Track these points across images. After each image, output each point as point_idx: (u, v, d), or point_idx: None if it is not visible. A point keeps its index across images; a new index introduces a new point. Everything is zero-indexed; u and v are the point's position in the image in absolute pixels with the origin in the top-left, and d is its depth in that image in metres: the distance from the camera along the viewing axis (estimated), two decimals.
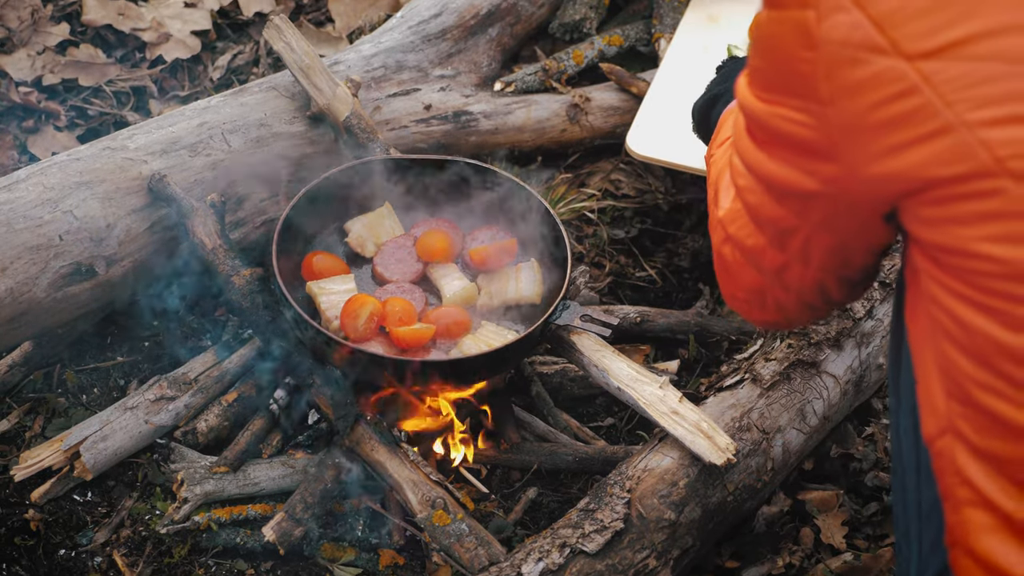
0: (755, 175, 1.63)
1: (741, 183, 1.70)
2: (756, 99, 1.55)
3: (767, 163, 1.58)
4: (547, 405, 2.95)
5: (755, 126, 1.58)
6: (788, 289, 1.78)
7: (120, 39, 3.98)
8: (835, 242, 1.63)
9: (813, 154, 1.48)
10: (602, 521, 2.46)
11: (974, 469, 1.49)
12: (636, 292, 3.33)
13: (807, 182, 1.52)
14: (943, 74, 1.34)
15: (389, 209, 2.95)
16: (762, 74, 1.53)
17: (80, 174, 2.81)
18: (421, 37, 3.47)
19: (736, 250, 1.82)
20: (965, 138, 1.34)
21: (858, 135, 1.41)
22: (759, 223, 1.71)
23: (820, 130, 1.45)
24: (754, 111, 1.56)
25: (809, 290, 1.77)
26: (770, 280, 1.79)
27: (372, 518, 2.76)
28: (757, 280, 1.81)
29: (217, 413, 2.84)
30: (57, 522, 2.75)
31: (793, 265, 1.72)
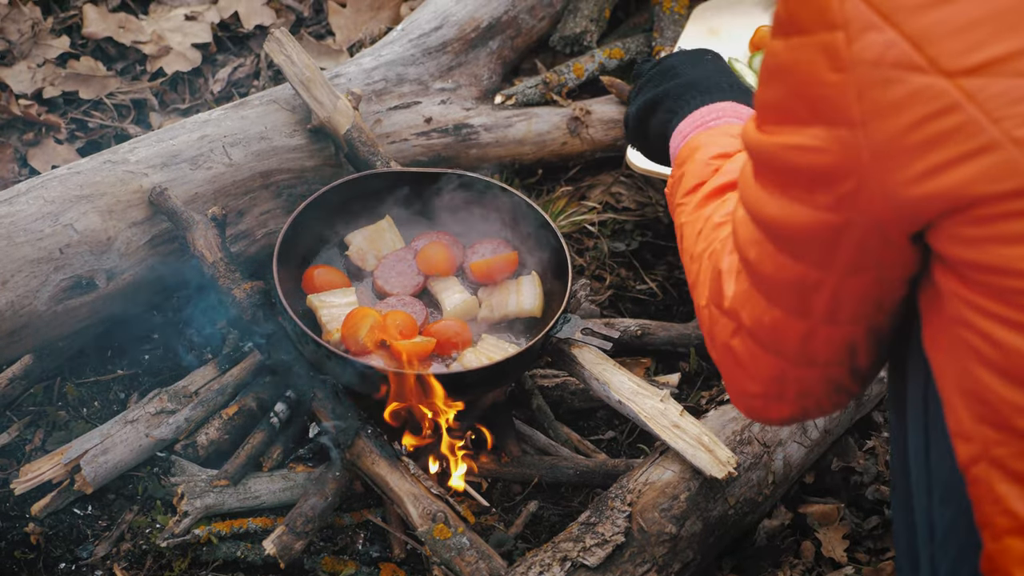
0: (769, 229, 1.55)
1: (751, 254, 1.61)
2: (769, 136, 1.48)
3: (783, 208, 1.51)
4: (548, 418, 2.95)
5: (768, 168, 1.52)
6: (814, 363, 1.68)
7: (121, 52, 3.98)
8: (868, 280, 1.54)
9: (837, 182, 1.42)
10: (603, 535, 2.46)
11: (1015, 497, 1.44)
12: (637, 305, 3.33)
13: (830, 217, 1.46)
14: (987, 91, 1.30)
15: (390, 222, 2.95)
16: (777, 107, 1.47)
17: (80, 187, 2.81)
18: (422, 50, 3.47)
19: (750, 338, 1.72)
20: (1013, 154, 1.30)
21: (894, 156, 1.35)
22: (776, 294, 1.63)
23: (846, 154, 1.39)
24: (767, 150, 1.49)
25: (837, 358, 1.66)
26: (792, 360, 1.69)
27: (373, 531, 2.75)
28: (775, 366, 1.72)
29: (218, 426, 2.83)
30: (57, 536, 2.74)
31: (819, 329, 1.63)
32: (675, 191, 2.07)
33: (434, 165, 3.34)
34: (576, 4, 3.77)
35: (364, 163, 3.00)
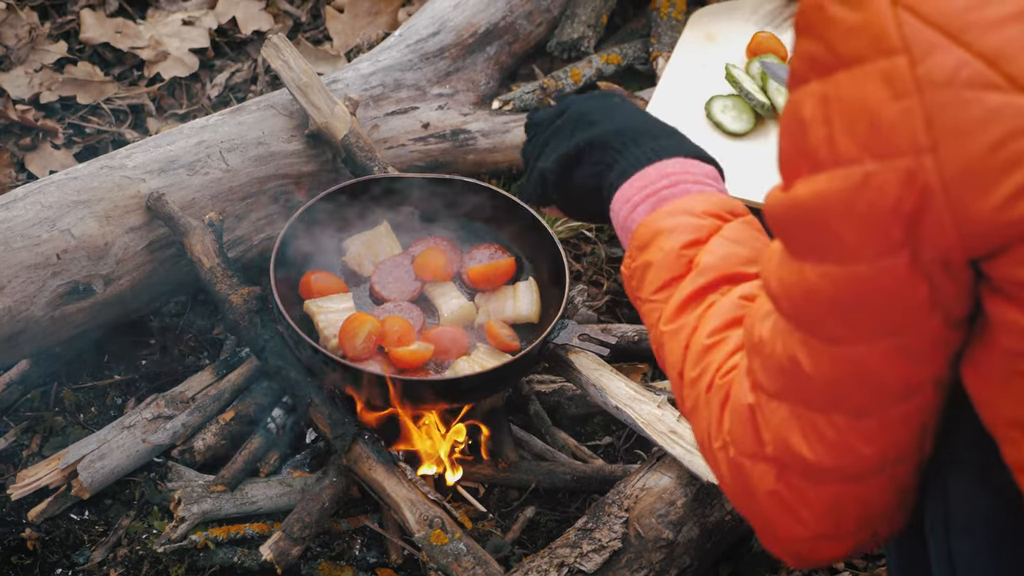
0: (816, 317, 1.41)
1: (805, 366, 1.45)
2: (806, 188, 1.35)
3: (834, 275, 1.36)
4: (545, 424, 2.95)
5: (806, 230, 1.37)
6: (882, 468, 1.50)
7: (118, 57, 3.98)
8: (938, 324, 1.38)
9: (896, 219, 1.30)
10: (600, 540, 2.46)
11: None
12: (634, 311, 3.32)
13: (892, 263, 1.33)
14: None
15: (387, 227, 2.95)
16: (810, 153, 1.34)
17: (78, 193, 2.81)
18: (419, 55, 3.47)
19: (799, 475, 1.52)
20: None
21: (973, 180, 1.26)
22: (836, 398, 1.45)
23: (908, 185, 1.28)
24: (804, 208, 1.36)
25: (908, 448, 1.50)
26: (856, 475, 1.51)
27: (370, 537, 2.75)
28: (832, 495, 1.53)
29: (215, 432, 2.83)
30: (54, 541, 2.74)
31: (892, 414, 1.46)
32: (639, 283, 1.83)
33: (431, 170, 3.34)
34: (573, 10, 3.77)
35: (361, 168, 3.00)
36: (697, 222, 1.79)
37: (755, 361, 1.52)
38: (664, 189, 1.86)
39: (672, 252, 1.77)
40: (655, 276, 1.79)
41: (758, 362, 1.51)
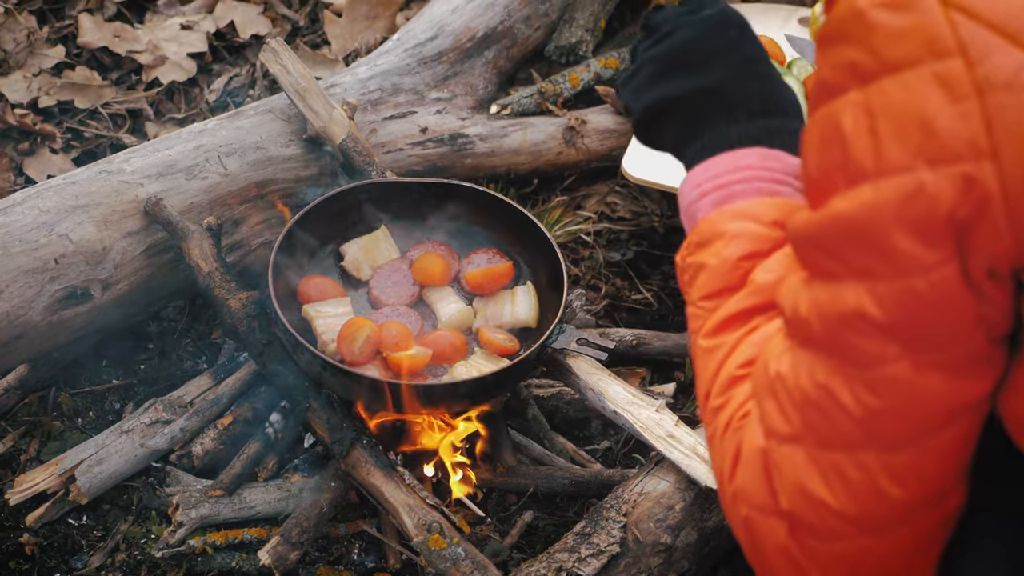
0: (851, 344, 1.33)
1: (847, 399, 1.37)
2: (847, 203, 1.29)
3: (879, 292, 1.29)
4: (543, 428, 2.95)
5: (851, 246, 1.30)
6: (910, 514, 1.42)
7: (116, 61, 3.98)
8: (982, 339, 1.33)
9: (950, 227, 1.24)
10: (598, 545, 2.46)
11: None
12: (632, 315, 3.33)
13: (943, 273, 1.27)
14: None
15: (385, 232, 2.95)
16: (851, 166, 1.28)
17: (76, 197, 2.81)
18: (417, 60, 3.47)
19: (811, 533, 1.44)
20: None
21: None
22: (867, 434, 1.37)
23: (965, 192, 1.23)
24: (852, 221, 1.29)
25: (938, 490, 1.42)
26: (882, 524, 1.43)
27: (368, 542, 2.75)
28: (847, 552, 1.45)
29: (213, 436, 2.83)
30: (52, 546, 2.74)
31: (929, 447, 1.39)
32: (690, 280, 1.73)
33: (429, 175, 3.34)
34: (571, 14, 3.78)
35: (360, 173, 3.00)
36: (762, 232, 1.67)
37: (768, 404, 1.45)
38: (736, 184, 1.74)
39: (729, 261, 1.67)
40: (707, 281, 1.69)
41: (772, 405, 1.45)
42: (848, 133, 1.28)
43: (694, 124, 1.81)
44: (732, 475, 1.52)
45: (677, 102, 1.82)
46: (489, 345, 2.73)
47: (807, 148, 1.35)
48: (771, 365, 1.44)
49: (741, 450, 1.52)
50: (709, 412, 1.60)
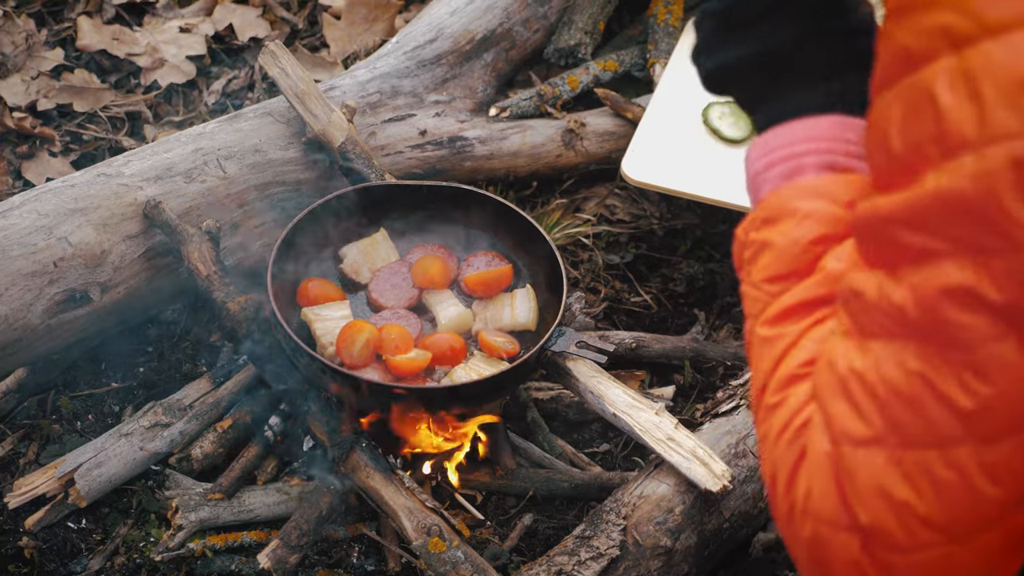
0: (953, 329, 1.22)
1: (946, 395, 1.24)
2: (962, 175, 1.17)
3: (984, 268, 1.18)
4: (542, 431, 2.95)
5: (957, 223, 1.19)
6: (1005, 513, 1.30)
7: (115, 64, 3.98)
8: None
9: None
10: (598, 548, 2.46)
11: None
12: (631, 318, 3.33)
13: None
14: None
15: (384, 235, 2.95)
16: (960, 132, 1.17)
17: (75, 200, 2.80)
18: (416, 62, 3.47)
19: (889, 547, 1.31)
20: None
21: None
22: (969, 426, 1.25)
23: None
24: (958, 195, 1.18)
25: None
26: (970, 528, 1.30)
27: (368, 545, 2.75)
28: (927, 563, 1.32)
29: (212, 440, 2.83)
30: (51, 549, 2.74)
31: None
32: (751, 258, 1.57)
33: (429, 177, 3.34)
34: (570, 16, 3.77)
35: (359, 176, 3.00)
36: (836, 213, 1.50)
37: (838, 406, 1.33)
38: (808, 155, 1.57)
39: (798, 244, 1.51)
40: (771, 262, 1.53)
41: (843, 406, 1.32)
42: (943, 102, 1.18)
43: (762, 88, 1.64)
44: (790, 488, 1.40)
45: (740, 66, 1.65)
46: (488, 348, 2.73)
47: (885, 125, 1.24)
48: (839, 363, 1.33)
49: (803, 461, 1.39)
50: (763, 409, 1.47)
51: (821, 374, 1.37)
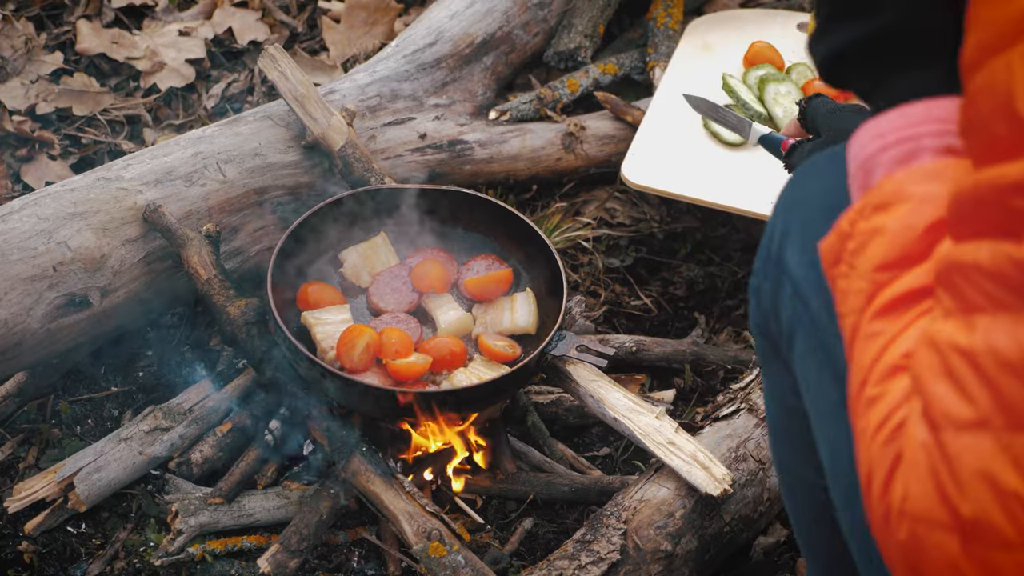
0: None
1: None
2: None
3: None
4: (543, 435, 2.95)
5: None
6: None
7: (114, 68, 3.98)
8: None
9: None
10: (598, 552, 2.46)
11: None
12: (631, 321, 3.32)
13: None
14: None
15: (384, 238, 2.94)
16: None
17: (74, 204, 2.80)
18: (416, 66, 3.47)
19: (994, 545, 1.19)
20: None
21: None
22: None
23: None
24: None
25: None
26: None
27: (368, 549, 2.75)
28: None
29: (212, 444, 2.83)
30: (51, 554, 2.73)
31: None
32: (857, 249, 1.44)
33: (429, 181, 3.34)
34: (570, 20, 3.77)
35: (359, 180, 3.00)
36: (940, 193, 1.40)
37: (940, 387, 1.23)
38: (925, 138, 1.47)
39: (914, 230, 1.39)
40: (883, 249, 1.40)
41: (946, 387, 1.22)
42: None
43: (876, 71, 1.56)
44: (886, 489, 1.30)
45: (853, 49, 1.57)
46: (489, 352, 2.73)
47: (1005, 90, 1.16)
48: (941, 342, 1.23)
49: (900, 463, 1.29)
50: (863, 403, 1.36)
51: (921, 357, 1.27)
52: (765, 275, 1.79)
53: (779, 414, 1.92)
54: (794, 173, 1.81)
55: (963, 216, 1.22)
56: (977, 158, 1.20)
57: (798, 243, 1.71)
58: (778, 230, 1.76)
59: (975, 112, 1.20)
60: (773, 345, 1.83)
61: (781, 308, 1.75)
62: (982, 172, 1.18)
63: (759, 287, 1.82)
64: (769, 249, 1.78)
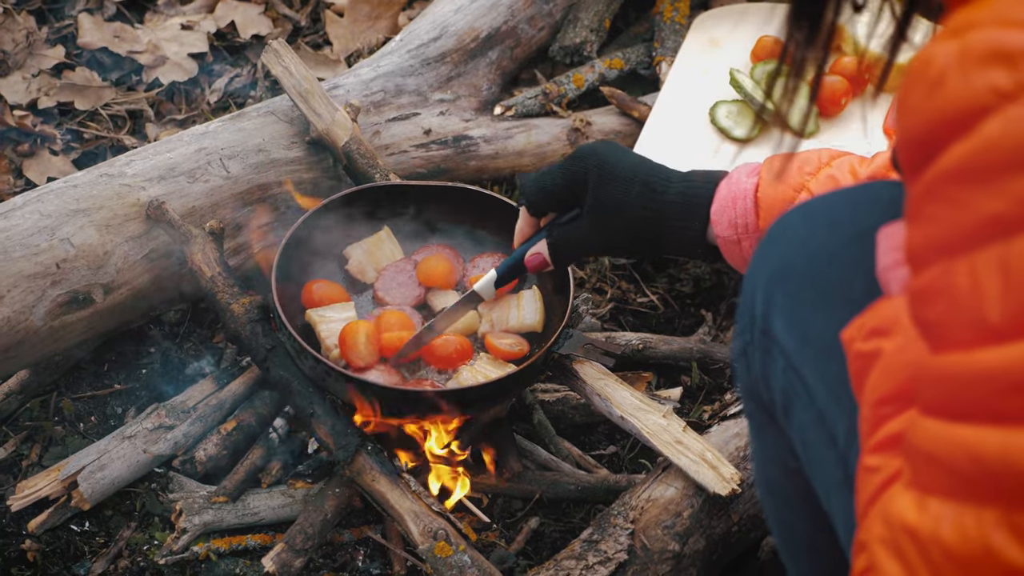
0: None
1: None
2: None
3: None
4: (549, 433, 2.93)
5: None
6: None
7: (116, 62, 3.96)
8: None
9: None
10: (606, 552, 2.44)
11: None
12: (638, 318, 3.31)
13: None
14: None
15: (388, 233, 2.92)
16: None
17: (77, 201, 2.79)
18: (420, 61, 3.45)
19: None
20: None
21: None
22: None
23: None
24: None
25: None
26: None
27: (373, 548, 2.73)
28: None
29: (216, 442, 2.81)
30: (54, 552, 2.72)
31: None
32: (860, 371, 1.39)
33: (433, 177, 3.32)
34: (576, 14, 3.75)
35: (363, 176, 2.98)
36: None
37: (890, 565, 1.20)
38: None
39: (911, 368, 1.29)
40: (884, 379, 1.34)
41: (895, 567, 1.19)
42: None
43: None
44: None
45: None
46: (495, 352, 2.71)
47: (974, 293, 1.10)
48: (892, 516, 1.20)
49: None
50: (856, 544, 1.30)
51: (872, 526, 1.24)
52: (752, 342, 1.72)
53: (780, 478, 1.84)
54: (769, 231, 1.72)
55: (928, 391, 1.18)
56: (936, 345, 1.16)
57: (785, 318, 1.66)
58: (759, 298, 1.70)
59: (932, 308, 1.16)
60: (766, 411, 1.76)
61: (773, 378, 1.69)
62: (953, 355, 1.14)
63: (746, 351, 1.75)
64: (752, 315, 1.71)
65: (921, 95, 1.13)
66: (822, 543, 1.70)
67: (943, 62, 1.10)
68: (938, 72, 1.10)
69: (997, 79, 1.05)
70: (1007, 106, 1.05)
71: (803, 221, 1.68)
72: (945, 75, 1.10)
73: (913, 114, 1.14)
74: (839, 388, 1.49)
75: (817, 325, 1.58)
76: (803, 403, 1.64)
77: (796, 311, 1.64)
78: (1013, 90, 1.05)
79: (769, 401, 1.73)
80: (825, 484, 1.61)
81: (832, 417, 1.57)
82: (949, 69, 1.09)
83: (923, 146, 1.13)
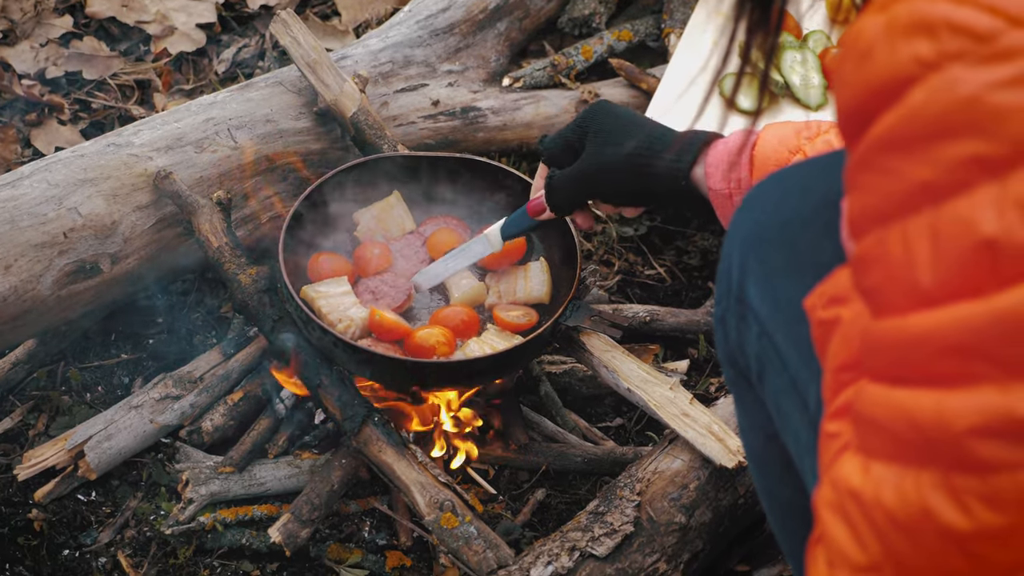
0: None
1: None
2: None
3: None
4: (555, 405, 2.93)
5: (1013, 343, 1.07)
6: None
7: (124, 32, 3.95)
8: None
9: None
10: (612, 524, 2.44)
11: None
12: (645, 290, 3.30)
13: None
14: None
15: (398, 197, 2.91)
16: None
17: (85, 171, 2.78)
18: (429, 32, 3.44)
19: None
20: None
21: None
22: (1009, 569, 1.11)
23: None
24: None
25: None
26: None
27: (379, 519, 2.74)
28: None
29: (223, 412, 2.81)
30: (61, 522, 2.73)
31: None
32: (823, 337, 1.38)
33: (441, 148, 3.31)
34: None
35: (371, 146, 2.97)
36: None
37: (837, 528, 1.23)
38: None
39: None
40: (840, 348, 1.34)
41: (842, 529, 1.22)
42: (991, 230, 1.06)
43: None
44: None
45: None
46: (503, 324, 2.71)
47: (904, 260, 1.13)
48: (839, 480, 1.22)
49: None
50: (813, 511, 1.31)
51: (823, 490, 1.26)
52: (729, 308, 1.73)
53: (760, 443, 1.84)
54: (745, 198, 1.74)
55: (869, 360, 1.21)
56: (875, 310, 1.18)
57: (758, 283, 1.66)
58: (735, 263, 1.70)
59: (867, 275, 1.18)
60: (744, 378, 1.77)
61: (748, 344, 1.70)
62: (885, 321, 1.16)
63: (723, 318, 1.75)
64: (729, 281, 1.72)
65: (852, 67, 1.16)
66: (805, 509, 1.70)
67: (871, 35, 1.13)
68: (867, 44, 1.14)
69: (920, 49, 1.09)
70: (930, 75, 1.09)
71: (777, 187, 1.70)
72: (873, 47, 1.13)
73: (846, 86, 1.17)
74: (809, 354, 1.50)
75: (788, 291, 1.59)
76: (776, 369, 1.64)
77: (769, 277, 1.65)
78: (935, 59, 1.08)
79: (745, 368, 1.73)
80: (799, 449, 1.63)
81: (803, 382, 1.58)
82: (876, 41, 1.12)
83: (856, 117, 1.16)
